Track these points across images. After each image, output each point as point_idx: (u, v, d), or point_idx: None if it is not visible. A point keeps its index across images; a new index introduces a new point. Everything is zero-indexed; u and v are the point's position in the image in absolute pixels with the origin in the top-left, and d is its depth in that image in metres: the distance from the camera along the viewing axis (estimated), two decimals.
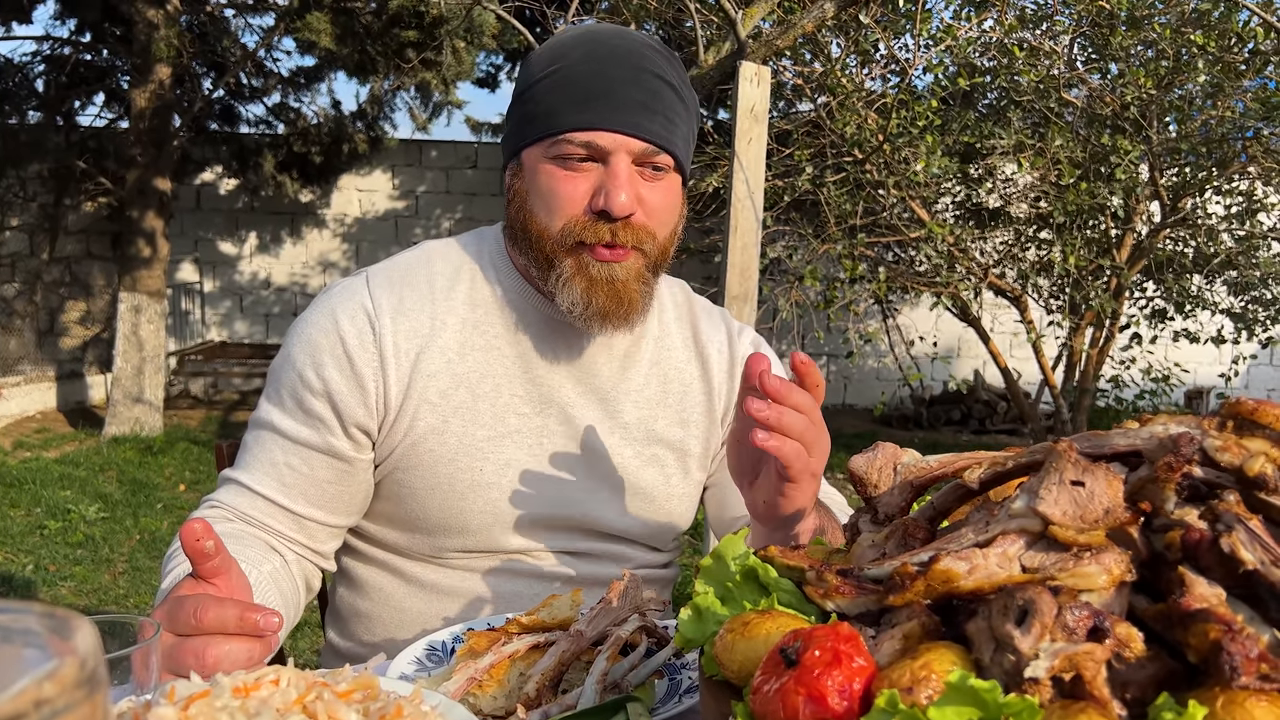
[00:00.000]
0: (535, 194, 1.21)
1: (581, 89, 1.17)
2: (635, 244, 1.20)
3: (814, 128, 5.72)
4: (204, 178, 9.49)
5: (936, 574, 0.68)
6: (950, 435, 9.06)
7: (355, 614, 1.37)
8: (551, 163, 1.19)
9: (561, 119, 1.17)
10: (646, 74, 1.19)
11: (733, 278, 3.86)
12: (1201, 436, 0.69)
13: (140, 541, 4.78)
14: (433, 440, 1.25)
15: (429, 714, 0.68)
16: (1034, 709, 0.55)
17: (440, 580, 1.31)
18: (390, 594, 1.34)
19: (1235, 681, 0.57)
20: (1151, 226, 6.23)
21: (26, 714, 0.31)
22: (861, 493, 0.86)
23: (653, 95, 1.19)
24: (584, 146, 1.17)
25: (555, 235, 1.20)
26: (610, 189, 1.16)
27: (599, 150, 1.17)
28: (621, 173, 1.17)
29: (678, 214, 1.28)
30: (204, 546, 0.89)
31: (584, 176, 1.19)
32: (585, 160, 1.18)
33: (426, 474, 1.26)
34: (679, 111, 1.23)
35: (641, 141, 1.18)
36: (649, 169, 1.20)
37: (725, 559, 0.82)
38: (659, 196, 1.22)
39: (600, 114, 1.16)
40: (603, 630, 0.96)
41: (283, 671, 0.69)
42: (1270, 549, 0.63)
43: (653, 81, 1.19)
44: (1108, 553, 0.67)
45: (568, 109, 1.17)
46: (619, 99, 1.16)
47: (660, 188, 1.22)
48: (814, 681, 0.62)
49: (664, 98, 1.20)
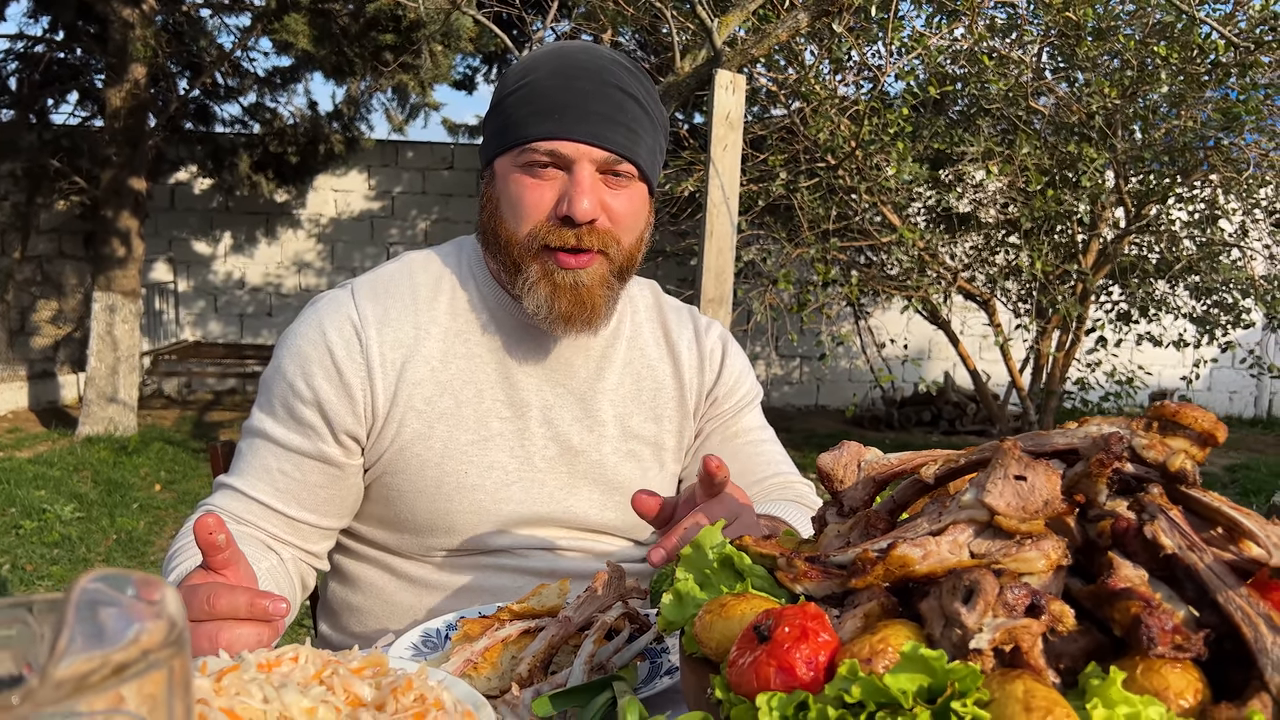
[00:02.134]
0: (505, 201, 1.27)
1: (548, 101, 1.23)
2: (600, 248, 1.26)
3: (788, 133, 5.81)
4: (178, 177, 9.46)
5: (894, 559, 0.75)
6: (921, 436, 9.18)
7: (347, 607, 1.43)
8: (519, 171, 1.25)
9: (528, 129, 1.23)
10: (611, 88, 1.25)
11: (708, 281, 3.94)
12: (1130, 436, 0.77)
13: (117, 541, 4.79)
14: (419, 446, 1.31)
15: (435, 687, 0.74)
16: (976, 675, 0.62)
17: (429, 575, 1.37)
18: (381, 588, 1.39)
19: (1153, 651, 0.65)
20: (1116, 232, 6.37)
21: (135, 662, 0.38)
22: (829, 487, 0.94)
23: (617, 108, 1.24)
24: (549, 155, 1.23)
25: (522, 240, 1.26)
26: (573, 195, 1.22)
27: (563, 159, 1.23)
28: (584, 180, 1.23)
29: (643, 221, 1.34)
30: (216, 540, 0.95)
31: (549, 184, 1.24)
32: (550, 168, 1.24)
33: (414, 478, 1.31)
34: (644, 124, 1.28)
35: (604, 151, 1.23)
36: (612, 176, 1.26)
37: (703, 548, 0.89)
38: (623, 203, 1.28)
39: (564, 124, 1.22)
40: (589, 616, 1.03)
41: (300, 650, 0.76)
42: (1188, 536, 0.71)
43: (617, 95, 1.25)
44: (1046, 540, 0.75)
45: (534, 120, 1.23)
46: (583, 110, 1.22)
47: (624, 195, 1.28)
48: (784, 654, 0.70)
49: (628, 110, 1.26)
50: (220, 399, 9.51)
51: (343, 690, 0.72)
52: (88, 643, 0.37)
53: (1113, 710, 0.61)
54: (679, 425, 1.47)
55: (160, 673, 0.39)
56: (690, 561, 0.90)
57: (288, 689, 0.67)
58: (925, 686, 0.64)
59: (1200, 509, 0.75)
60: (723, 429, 1.51)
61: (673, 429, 1.47)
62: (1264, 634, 0.64)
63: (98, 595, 0.41)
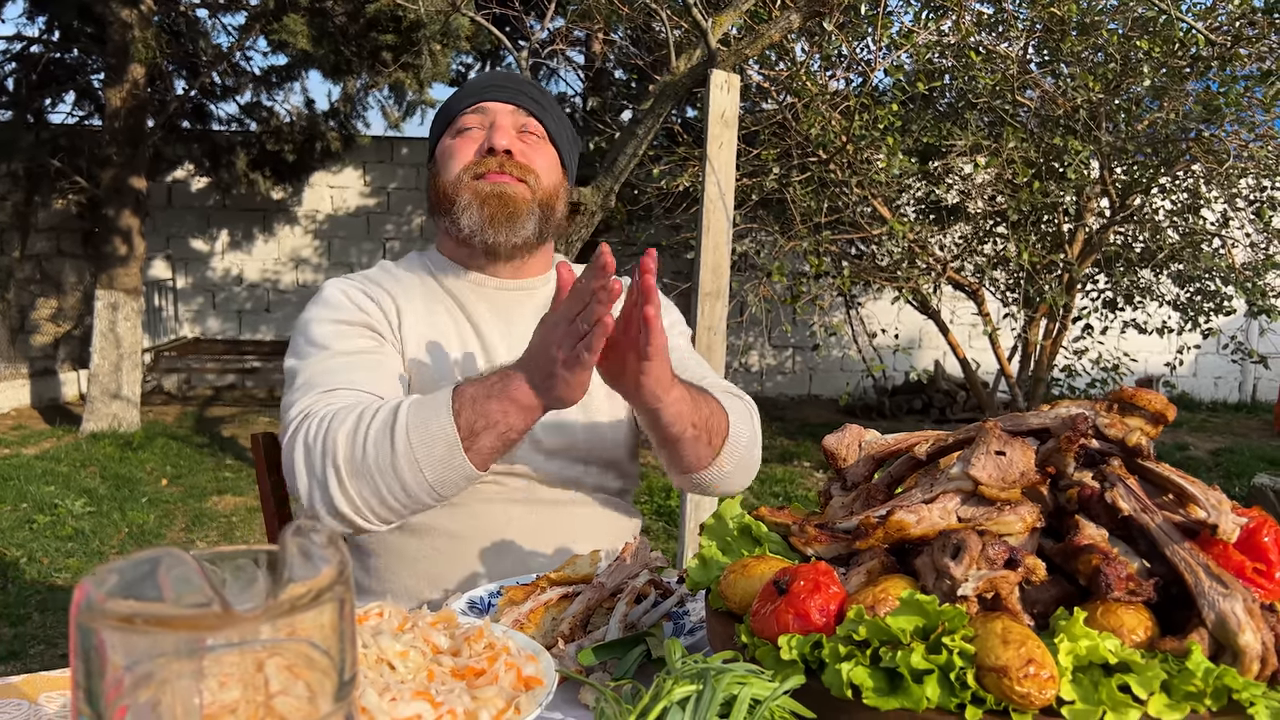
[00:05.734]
0: (441, 164, 1.53)
1: (472, 85, 1.56)
2: (520, 177, 1.49)
3: (780, 128, 5.93)
4: (176, 175, 9.54)
5: (892, 524, 0.88)
6: (912, 424, 9.33)
7: (364, 572, 1.51)
8: (450, 138, 1.52)
9: (459, 103, 1.52)
10: (524, 83, 1.57)
11: (705, 276, 4.06)
12: (1094, 416, 0.90)
13: (130, 534, 4.90)
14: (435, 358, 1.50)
15: (501, 635, 0.86)
16: (963, 615, 0.75)
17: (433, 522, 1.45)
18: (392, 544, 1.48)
19: (1110, 595, 0.78)
20: (1102, 223, 6.51)
21: (330, 586, 0.50)
22: (833, 465, 1.06)
23: (528, 85, 1.55)
24: (474, 115, 1.51)
25: (454, 178, 1.49)
26: (492, 134, 1.49)
27: (483, 118, 1.51)
28: (502, 123, 1.50)
29: (557, 177, 1.56)
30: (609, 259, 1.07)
31: (475, 138, 1.51)
32: (475, 130, 1.51)
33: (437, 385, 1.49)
34: (552, 109, 1.57)
35: (514, 107, 1.51)
36: (524, 133, 1.52)
37: (725, 519, 1.02)
38: (535, 151, 1.53)
39: (483, 93, 1.52)
40: (619, 583, 1.15)
41: (384, 606, 0.88)
42: (1142, 500, 0.84)
43: (529, 87, 1.56)
44: (1023, 505, 0.87)
45: (461, 99, 1.53)
46: (499, 85, 1.53)
47: (536, 147, 1.53)
48: (800, 604, 0.82)
49: (537, 96, 1.55)
50: (220, 394, 9.60)
51: (423, 639, 0.84)
52: (299, 573, 0.49)
53: (1076, 643, 0.74)
54: None
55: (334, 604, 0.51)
56: (713, 530, 1.03)
57: (383, 635, 0.79)
58: (920, 626, 0.76)
59: (1153, 478, 0.87)
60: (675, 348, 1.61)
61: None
62: (1202, 579, 0.77)
63: (299, 543, 0.53)
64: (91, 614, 0.46)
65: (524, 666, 0.81)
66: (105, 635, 0.46)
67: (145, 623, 0.45)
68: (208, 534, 5.00)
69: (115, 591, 0.47)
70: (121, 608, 0.46)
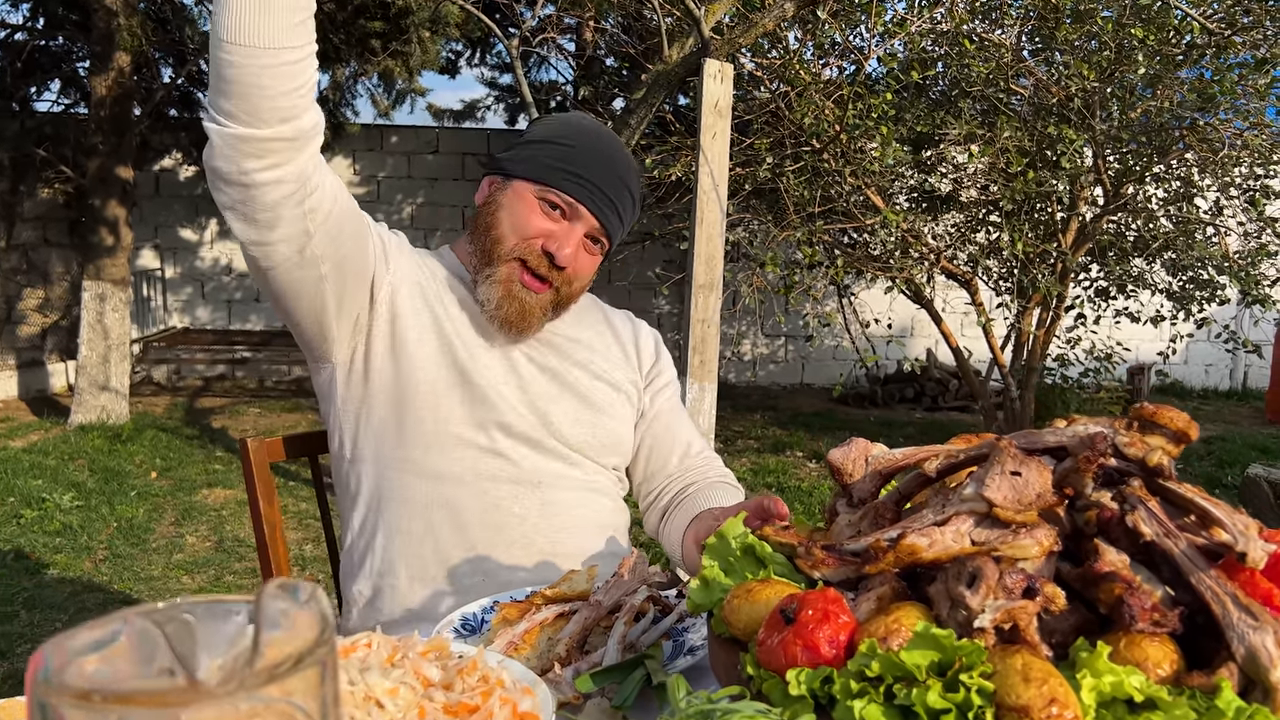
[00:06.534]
0: (509, 211, 1.55)
1: (581, 169, 1.55)
2: (557, 284, 1.57)
3: (773, 117, 5.88)
4: (163, 164, 9.44)
5: (904, 548, 0.84)
6: (904, 412, 9.32)
7: (366, 553, 1.56)
8: (536, 199, 1.55)
9: (561, 181, 1.54)
10: (624, 185, 1.60)
11: (699, 267, 4.02)
12: (1113, 434, 0.86)
13: (118, 529, 4.85)
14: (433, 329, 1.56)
15: (496, 668, 0.83)
16: (981, 651, 0.71)
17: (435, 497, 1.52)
18: (393, 523, 1.54)
19: (1134, 627, 0.75)
20: (1095, 211, 6.48)
21: (312, 649, 0.46)
22: (839, 480, 1.02)
23: (621, 201, 1.60)
24: (564, 204, 1.55)
25: (509, 247, 1.54)
26: (564, 242, 1.54)
27: (572, 212, 1.55)
28: (576, 236, 1.56)
29: (590, 278, 1.65)
30: None
31: (550, 221, 1.55)
32: (557, 210, 1.55)
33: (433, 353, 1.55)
34: (629, 211, 1.64)
35: (598, 224, 1.57)
36: (591, 241, 1.59)
37: (727, 538, 0.98)
38: (588, 262, 1.61)
39: (588, 195, 1.55)
40: (616, 600, 1.12)
41: (372, 636, 0.84)
42: (1164, 524, 0.80)
43: (624, 190, 1.60)
44: (1039, 529, 0.84)
45: (569, 178, 1.54)
46: (600, 190, 1.56)
47: (590, 258, 1.62)
48: (809, 635, 0.79)
49: (626, 204, 1.62)
50: (210, 385, 9.53)
51: (413, 672, 0.80)
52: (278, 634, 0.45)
53: (1100, 679, 0.70)
54: (631, 379, 1.74)
55: (317, 667, 0.47)
56: (715, 550, 0.99)
57: (371, 672, 0.75)
58: (936, 661, 0.72)
59: (1175, 499, 0.84)
60: (659, 404, 1.79)
61: (626, 380, 1.73)
62: (1230, 610, 0.74)
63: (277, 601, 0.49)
64: (48, 688, 0.42)
65: (520, 701, 0.78)
66: (65, 712, 0.42)
67: (105, 700, 0.41)
68: (198, 528, 4.95)
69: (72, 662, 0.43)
70: (79, 682, 0.42)
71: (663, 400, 1.79)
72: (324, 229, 1.36)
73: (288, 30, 1.21)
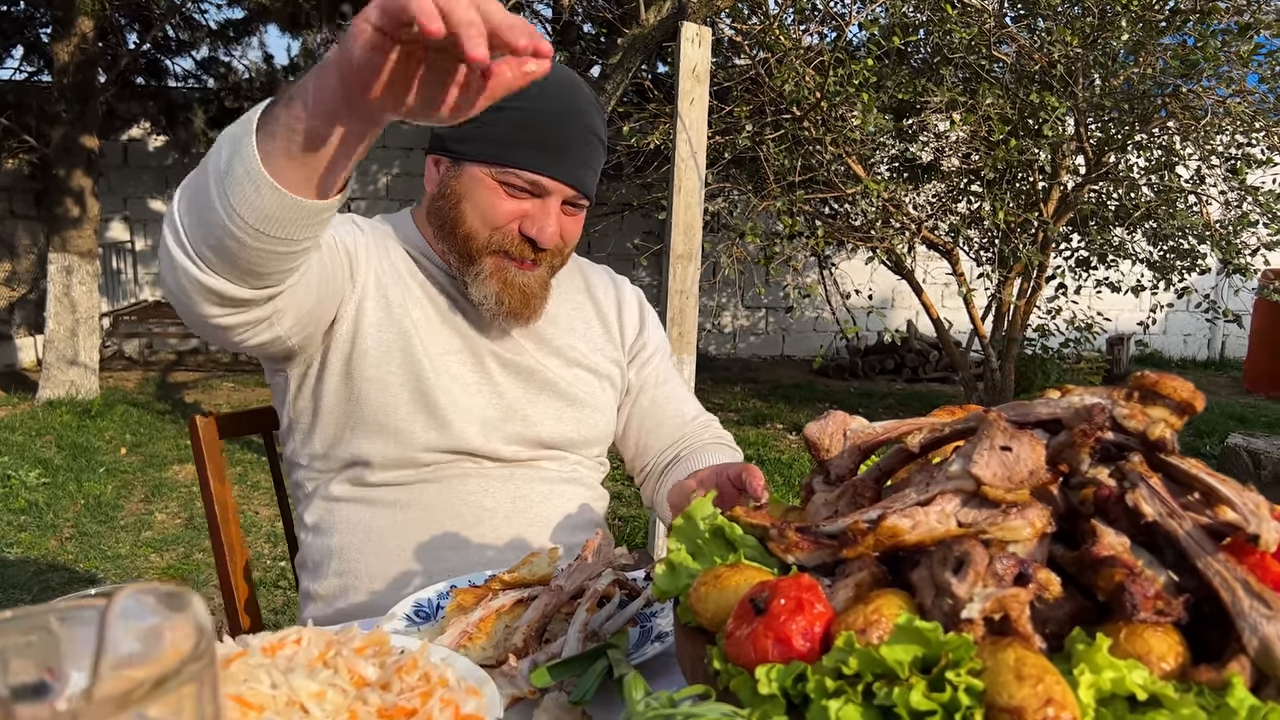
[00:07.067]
0: (471, 202, 1.41)
1: (540, 137, 1.38)
2: (548, 262, 1.46)
3: (753, 84, 5.78)
4: (131, 134, 9.22)
5: (884, 530, 0.77)
6: (884, 384, 9.29)
7: (326, 553, 1.46)
8: (497, 183, 1.39)
9: (519, 157, 1.37)
10: (589, 133, 1.43)
11: (677, 237, 3.94)
12: (1111, 406, 0.79)
13: (85, 507, 4.74)
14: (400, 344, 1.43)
15: (439, 665, 0.75)
16: (969, 645, 0.65)
17: (400, 494, 1.43)
18: (355, 521, 1.44)
19: (1135, 617, 0.68)
20: (1077, 180, 6.42)
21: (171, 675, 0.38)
22: (815, 456, 0.95)
23: (590, 152, 1.44)
24: (530, 183, 1.39)
25: (483, 241, 1.41)
26: (543, 224, 1.40)
27: (540, 188, 1.40)
28: (553, 211, 1.41)
29: (579, 232, 1.52)
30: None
31: (520, 202, 1.40)
32: (524, 191, 1.39)
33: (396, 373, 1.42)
34: (599, 159, 1.48)
35: (573, 190, 1.42)
36: (571, 207, 1.45)
37: (695, 519, 0.91)
38: (573, 226, 1.47)
39: (549, 163, 1.39)
40: (580, 584, 1.05)
41: (303, 632, 0.77)
42: (1167, 503, 0.74)
43: (592, 139, 1.44)
44: (1031, 509, 0.77)
45: (526, 150, 1.38)
46: (563, 152, 1.41)
47: (576, 220, 1.48)
48: (780, 627, 0.72)
49: (596, 153, 1.46)
50: (183, 359, 9.39)
51: (347, 671, 0.73)
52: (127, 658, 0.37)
53: (1099, 675, 0.64)
54: (613, 358, 1.64)
55: (192, 684, 0.40)
56: (682, 532, 0.92)
57: (295, 673, 0.68)
58: (919, 657, 0.66)
59: (1179, 476, 0.77)
60: (647, 375, 1.68)
61: (608, 360, 1.63)
62: (1241, 598, 0.67)
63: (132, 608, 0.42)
64: None
65: (464, 703, 0.71)
66: None
67: None
68: (167, 504, 4.85)
69: None
70: None
71: (650, 372, 1.69)
72: (292, 322, 1.26)
73: (315, 225, 1.05)
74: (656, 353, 1.71)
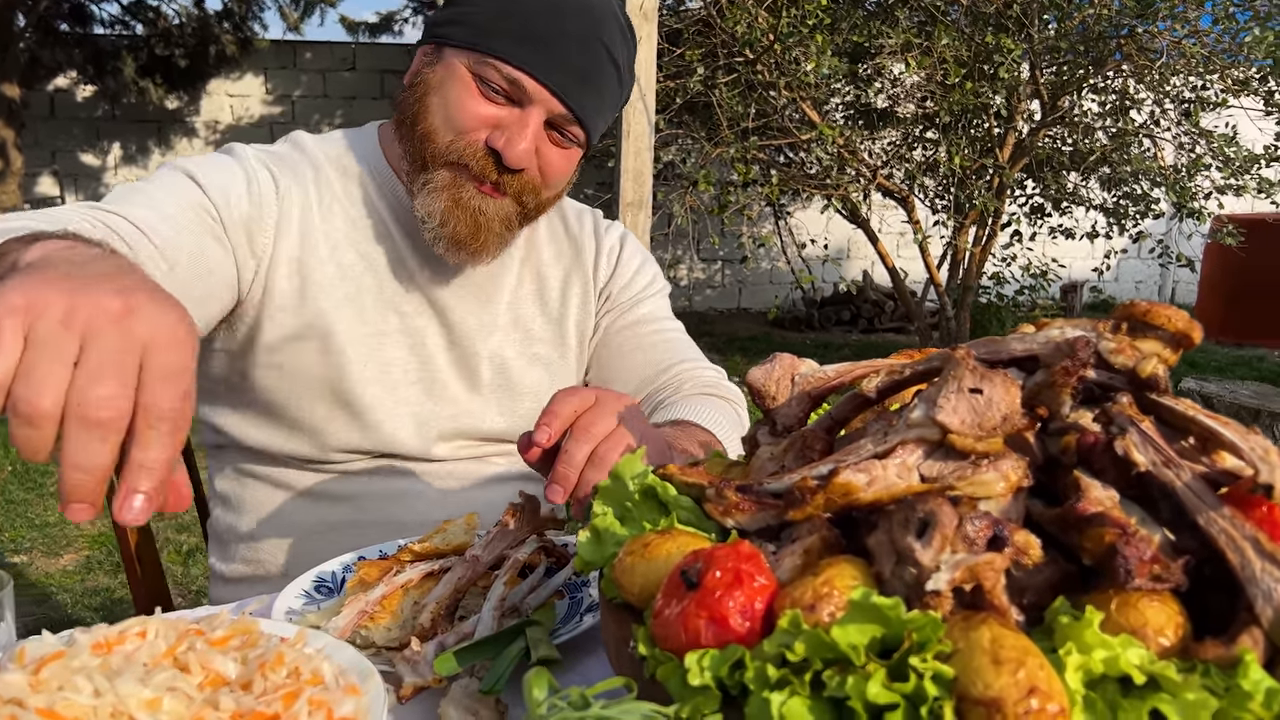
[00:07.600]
0: (440, 95, 1.17)
1: (531, 26, 1.12)
2: (516, 194, 1.19)
3: (705, 26, 5.61)
4: (58, 84, 8.81)
5: (836, 487, 0.67)
6: (840, 335, 9.25)
7: (235, 535, 1.32)
8: (471, 77, 1.15)
9: (499, 44, 1.12)
10: (598, 43, 1.16)
11: (626, 184, 3.80)
12: (1097, 339, 0.69)
13: (13, 473, 4.55)
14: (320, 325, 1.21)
15: (313, 656, 0.64)
16: (937, 624, 0.54)
17: (322, 486, 1.27)
18: (269, 507, 1.29)
19: (1129, 584, 0.58)
20: (1032, 126, 6.36)
21: None
22: (760, 404, 0.84)
23: (595, 68, 1.16)
24: (509, 82, 1.14)
25: (441, 145, 1.17)
26: (513, 135, 1.14)
27: (521, 93, 1.14)
28: (531, 125, 1.14)
29: (568, 181, 1.27)
30: None
31: (494, 106, 1.15)
32: (502, 94, 1.14)
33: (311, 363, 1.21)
34: (613, 92, 1.21)
35: (564, 107, 1.15)
36: (558, 133, 1.18)
37: (623, 478, 0.80)
38: (558, 160, 1.20)
39: (538, 61, 1.13)
40: (499, 554, 0.93)
41: (150, 622, 0.64)
42: (1162, 450, 0.64)
43: (601, 53, 1.16)
44: (1005, 459, 0.67)
45: (509, 38, 1.12)
46: (563, 56, 1.13)
47: (562, 154, 1.20)
48: (716, 604, 0.61)
49: (605, 74, 1.18)
50: None
51: (200, 668, 0.61)
52: None
53: (1088, 655, 0.54)
54: (581, 315, 1.41)
55: None
56: (609, 493, 0.81)
57: (123, 678, 0.56)
58: (878, 638, 0.55)
59: (1172, 418, 0.67)
60: (621, 319, 1.44)
61: (575, 320, 1.41)
62: (1251, 559, 0.57)
63: None
64: None
65: (339, 704, 0.59)
66: None
67: None
68: None
69: None
70: None
71: (646, 309, 1.45)
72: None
73: None
74: (640, 304, 1.45)
